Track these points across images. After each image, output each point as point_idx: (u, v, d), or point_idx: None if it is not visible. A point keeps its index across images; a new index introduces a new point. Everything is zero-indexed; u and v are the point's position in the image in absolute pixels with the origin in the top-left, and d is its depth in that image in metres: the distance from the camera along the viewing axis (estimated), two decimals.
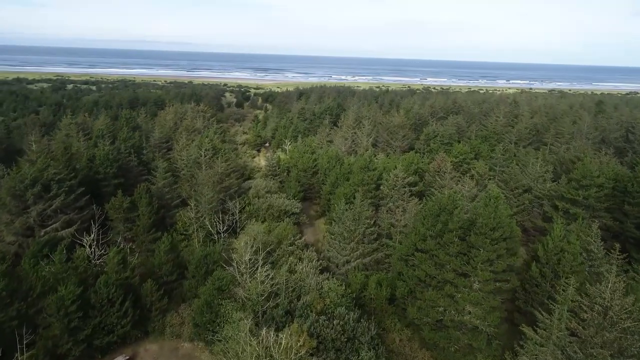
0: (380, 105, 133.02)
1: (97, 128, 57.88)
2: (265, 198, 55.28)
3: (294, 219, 54.84)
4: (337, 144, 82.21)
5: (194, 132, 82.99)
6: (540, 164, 54.55)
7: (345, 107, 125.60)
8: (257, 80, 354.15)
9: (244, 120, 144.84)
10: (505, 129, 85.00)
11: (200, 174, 58.86)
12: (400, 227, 43.24)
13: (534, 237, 50.75)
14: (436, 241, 35.66)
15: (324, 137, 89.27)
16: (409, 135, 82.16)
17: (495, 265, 32.65)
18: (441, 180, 50.50)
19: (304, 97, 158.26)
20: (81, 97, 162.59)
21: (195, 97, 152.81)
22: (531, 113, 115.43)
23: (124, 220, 46.00)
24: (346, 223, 41.87)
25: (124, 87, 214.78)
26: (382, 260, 42.81)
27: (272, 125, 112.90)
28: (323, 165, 68.02)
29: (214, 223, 47.62)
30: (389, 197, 47.71)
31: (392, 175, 47.65)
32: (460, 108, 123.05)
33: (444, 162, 51.55)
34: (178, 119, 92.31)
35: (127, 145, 57.44)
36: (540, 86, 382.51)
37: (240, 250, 38.51)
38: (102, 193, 51.47)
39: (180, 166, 63.07)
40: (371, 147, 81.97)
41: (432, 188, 51.55)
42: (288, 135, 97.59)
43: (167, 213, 50.28)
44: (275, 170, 73.23)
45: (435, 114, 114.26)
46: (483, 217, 32.37)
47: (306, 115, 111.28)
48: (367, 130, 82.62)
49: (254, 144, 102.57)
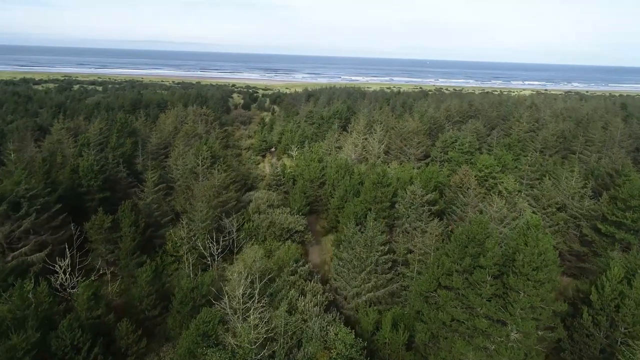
0: (392, 107, 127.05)
1: (82, 135, 52.97)
2: (267, 214, 49.81)
3: (298, 238, 49.32)
4: (347, 151, 76.55)
5: (194, 137, 77.81)
6: (575, 177, 48.34)
7: (355, 110, 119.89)
8: (266, 80, 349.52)
9: (250, 123, 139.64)
10: (528, 136, 78.64)
11: (197, 185, 53.64)
12: (418, 254, 37.46)
13: (569, 263, 44.66)
14: (464, 277, 29.88)
15: (333, 142, 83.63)
16: (424, 141, 76.17)
17: (539, 312, 26.81)
18: (464, 197, 44.59)
19: (312, 99, 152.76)
20: (85, 99, 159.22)
21: (201, 99, 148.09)
22: (553, 117, 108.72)
23: (105, 242, 40.82)
24: (356, 249, 36.22)
25: (130, 88, 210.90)
26: (398, 293, 37.08)
27: (279, 130, 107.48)
28: (331, 175, 62.40)
29: (207, 245, 42.25)
30: (405, 216, 41.95)
31: (409, 192, 41.86)
32: (477, 112, 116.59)
33: (467, 177, 45.63)
34: (179, 122, 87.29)
35: (116, 154, 52.31)
36: (555, 87, 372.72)
37: (233, 283, 33.08)
38: (86, 209, 46.39)
39: (175, 176, 57.91)
40: (383, 155, 76.21)
41: (454, 206, 45.66)
42: (295, 141, 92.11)
43: (156, 232, 45.01)
44: (279, 179, 67.80)
45: (451, 117, 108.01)
46: (524, 253, 26.51)
47: (314, 119, 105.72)
48: (379, 137, 76.82)
49: (259, 149, 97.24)
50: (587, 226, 43.53)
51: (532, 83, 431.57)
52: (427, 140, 77.96)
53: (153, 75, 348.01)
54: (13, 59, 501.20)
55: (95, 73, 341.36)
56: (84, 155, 48.69)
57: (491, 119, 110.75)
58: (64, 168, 50.11)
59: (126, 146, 57.82)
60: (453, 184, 47.20)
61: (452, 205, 45.76)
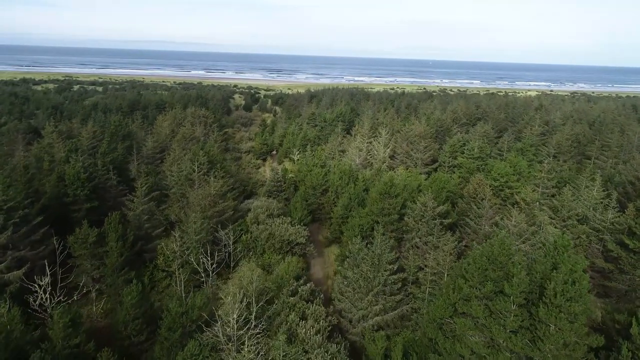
0: (397, 109, 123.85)
1: (70, 140, 49.91)
2: (266, 224, 46.66)
3: (299, 250, 46.18)
4: (351, 155, 73.34)
5: (192, 141, 74.80)
6: (597, 187, 45.03)
7: (359, 112, 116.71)
8: (269, 81, 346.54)
9: (251, 125, 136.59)
10: (540, 140, 75.29)
11: (192, 193, 50.57)
12: (430, 273, 34.25)
13: (593, 280, 41.30)
14: (483, 304, 26.67)
15: (336, 146, 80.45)
16: (431, 146, 72.89)
17: (572, 348, 23.57)
18: (478, 208, 41.33)
19: (315, 100, 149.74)
20: (84, 99, 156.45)
21: (201, 100, 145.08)
22: (563, 119, 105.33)
23: (90, 257, 37.73)
24: (363, 268, 33.03)
25: (130, 89, 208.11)
26: (408, 316, 33.88)
27: (280, 132, 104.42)
28: (335, 181, 59.25)
29: (200, 260, 39.14)
30: (415, 230, 38.72)
31: (419, 204, 38.62)
32: (484, 114, 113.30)
33: (481, 187, 42.37)
34: (176, 125, 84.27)
35: (106, 160, 49.22)
36: (560, 88, 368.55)
37: (227, 307, 29.95)
38: (72, 220, 43.34)
39: (170, 183, 54.84)
40: (388, 159, 72.97)
41: (467, 218, 42.39)
42: (296, 144, 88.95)
43: (146, 245, 41.90)
44: (279, 185, 64.68)
45: (458, 120, 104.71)
46: (556, 281, 23.29)
47: (317, 121, 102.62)
48: (384, 140, 73.58)
49: (260, 152, 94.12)
50: (611, 241, 40.20)
51: (537, 84, 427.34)
52: (434, 144, 74.71)
53: (154, 76, 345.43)
54: (14, 59, 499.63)
55: (96, 73, 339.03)
56: (71, 161, 45.66)
57: (499, 122, 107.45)
58: (51, 175, 47.12)
59: (118, 151, 54.72)
60: (466, 194, 43.94)
61: (464, 217, 42.51)
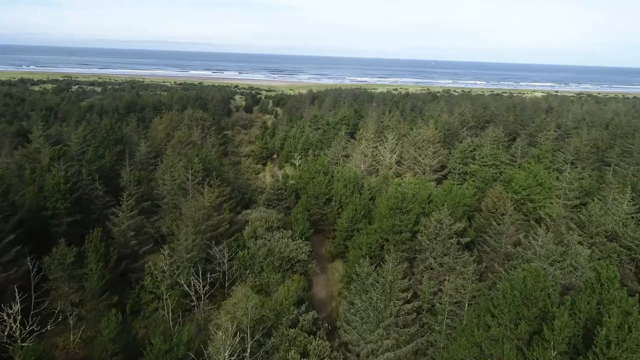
0: (402, 111, 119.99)
1: (53, 148, 46.12)
2: (264, 239, 42.84)
3: (301, 268, 42.36)
4: (355, 161, 69.47)
5: (188, 145, 71.01)
6: (627, 200, 41.08)
7: (362, 114, 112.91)
8: (270, 81, 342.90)
9: (252, 127, 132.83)
10: (555, 145, 71.31)
11: (185, 205, 46.86)
12: (448, 301, 30.39)
13: None
14: (516, 346, 22.85)
15: (340, 151, 76.65)
16: (440, 151, 69.02)
17: None
18: (498, 224, 37.45)
19: (317, 101, 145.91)
20: (82, 100, 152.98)
21: (200, 101, 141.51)
22: (575, 122, 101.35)
23: (69, 279, 33.97)
24: (372, 296, 29.20)
25: (130, 89, 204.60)
26: (423, 350, 30.02)
27: (281, 135, 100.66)
28: (339, 190, 55.46)
29: (191, 282, 35.39)
30: (430, 250, 34.87)
31: (434, 221, 34.75)
32: (493, 116, 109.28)
33: (501, 200, 38.48)
34: (172, 128, 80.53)
35: (92, 168, 45.48)
36: (565, 89, 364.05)
37: (218, 343, 26.17)
38: (53, 235, 39.61)
39: (161, 192, 51.07)
40: (395, 166, 69.12)
41: (485, 234, 38.52)
42: (298, 148, 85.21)
43: (133, 265, 38.15)
44: (280, 193, 60.90)
45: (466, 122, 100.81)
46: (608, 328, 19.42)
47: (319, 124, 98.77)
48: (391, 145, 69.71)
49: (260, 156, 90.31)
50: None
51: (541, 84, 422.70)
52: (443, 150, 70.81)
53: (155, 76, 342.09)
54: (14, 59, 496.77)
55: (97, 73, 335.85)
56: (53, 170, 41.94)
57: (508, 124, 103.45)
58: (33, 185, 43.41)
59: (106, 158, 50.94)
60: (484, 208, 40.06)
61: (482, 234, 38.63)
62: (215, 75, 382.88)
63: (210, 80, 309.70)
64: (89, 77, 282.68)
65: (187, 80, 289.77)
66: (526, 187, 41.24)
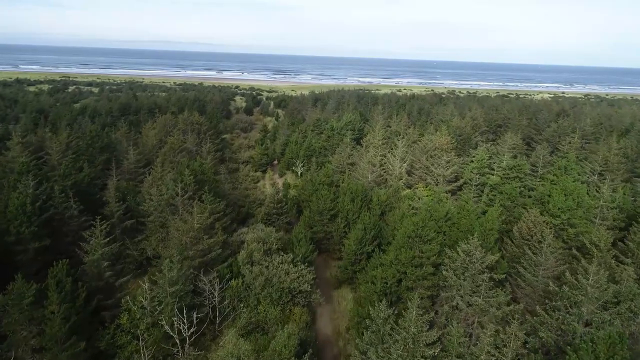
0: (408, 113, 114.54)
1: (22, 161, 40.40)
2: (261, 267, 37.44)
3: (303, 300, 36.95)
4: (362, 170, 63.98)
5: (181, 153, 65.67)
6: None
7: (367, 118, 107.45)
8: (272, 82, 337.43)
9: (252, 130, 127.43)
10: (579, 153, 65.74)
11: (173, 223, 41.53)
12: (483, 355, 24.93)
13: None
14: None
15: (345, 158, 71.19)
16: (454, 160, 63.50)
17: None
18: (534, 254, 31.99)
19: (319, 103, 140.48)
20: (77, 102, 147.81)
21: (199, 103, 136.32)
22: (593, 126, 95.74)
23: (28, 321, 28.63)
24: (391, 353, 23.77)
25: (127, 90, 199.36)
26: None
27: (282, 139, 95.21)
28: (345, 205, 50.13)
29: (175, 323, 30.04)
30: (456, 287, 29.42)
31: (462, 252, 29.27)
32: (505, 120, 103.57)
33: (537, 226, 33.02)
34: (164, 133, 75.15)
35: (67, 183, 40.10)
36: (571, 90, 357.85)
37: None
38: (18, 264, 34.26)
39: (147, 209, 45.67)
40: (405, 176, 63.68)
41: (519, 265, 33.05)
42: (300, 154, 79.79)
43: (107, 301, 32.75)
44: (280, 207, 55.54)
45: (478, 127, 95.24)
46: None
47: (322, 128, 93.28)
48: (401, 153, 64.23)
49: (259, 163, 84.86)
50: None
51: (547, 85, 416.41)
52: (458, 158, 65.28)
53: (156, 76, 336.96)
54: (14, 59, 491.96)
55: (96, 73, 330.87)
56: (20, 187, 36.59)
57: (522, 129, 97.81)
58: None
59: (84, 171, 45.47)
60: (517, 233, 34.59)
61: (515, 265, 33.15)
62: (215, 76, 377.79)
63: (210, 80, 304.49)
64: (88, 78, 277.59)
65: (187, 81, 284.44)
66: (566, 210, 35.71)
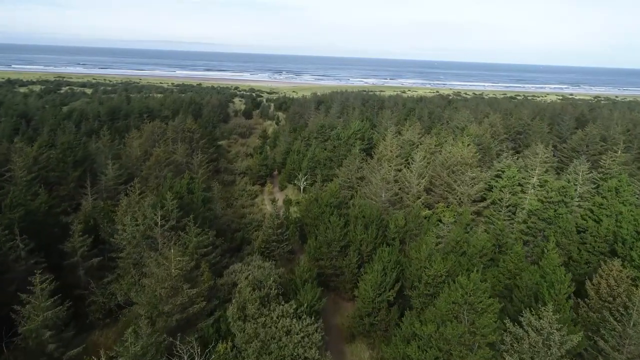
0: (419, 117, 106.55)
1: None
2: (257, 324, 29.46)
3: None
4: (375, 188, 55.84)
5: (168, 167, 57.69)
6: None
7: (375, 123, 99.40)
8: (272, 82, 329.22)
9: (251, 135, 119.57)
10: (623, 168, 57.63)
11: (149, 260, 33.64)
12: None
13: None
14: None
15: (354, 172, 63.22)
16: (480, 176, 55.45)
17: None
18: (616, 320, 23.94)
19: (323, 106, 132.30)
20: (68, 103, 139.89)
21: (194, 106, 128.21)
22: (623, 133, 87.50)
23: None
24: None
25: (122, 91, 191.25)
26: None
27: (283, 147, 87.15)
28: (358, 234, 42.16)
29: None
30: None
31: (532, 331, 21.15)
32: (525, 126, 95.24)
33: (620, 282, 25.04)
34: (152, 142, 67.08)
35: (14, 216, 32.11)
36: (579, 91, 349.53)
37: None
38: None
39: (118, 242, 37.59)
40: (424, 194, 55.68)
41: (597, 335, 24.96)
42: (303, 166, 71.76)
43: None
44: (281, 233, 47.54)
45: (497, 134, 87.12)
46: None
47: (326, 135, 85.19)
48: (418, 168, 56.18)
49: (257, 175, 76.66)
50: None
51: (554, 86, 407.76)
52: (484, 174, 57.24)
53: (155, 76, 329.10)
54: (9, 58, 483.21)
55: (93, 74, 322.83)
56: None
57: (543, 136, 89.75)
58: None
59: (41, 198, 37.36)
60: (592, 291, 26.50)
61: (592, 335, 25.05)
62: (215, 76, 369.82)
63: (209, 81, 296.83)
64: (83, 78, 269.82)
65: (186, 82, 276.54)
66: None
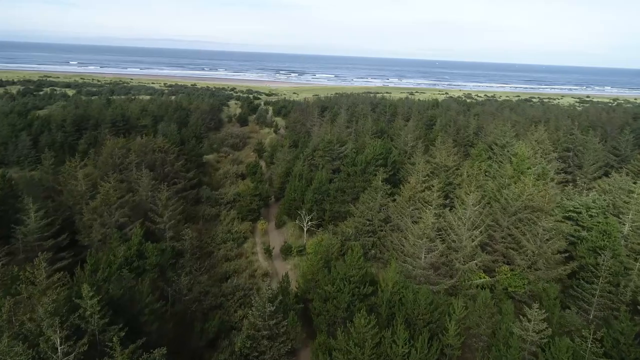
0: (443, 128, 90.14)
1: None
2: None
3: None
4: (411, 248, 39.17)
5: (120, 210, 41.24)
6: None
7: (392, 136, 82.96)
8: (272, 82, 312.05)
9: (245, 147, 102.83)
10: None
11: None
12: None
13: None
14: None
15: (375, 212, 46.88)
16: (558, 227, 39.07)
17: None
18: None
19: (328, 112, 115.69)
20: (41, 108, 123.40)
21: (180, 112, 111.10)
22: None
23: None
24: None
25: (107, 92, 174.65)
26: None
27: (282, 167, 70.47)
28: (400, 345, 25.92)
29: None
30: None
31: None
32: (570, 141, 78.53)
33: None
34: (107, 171, 50.40)
35: None
36: (594, 93, 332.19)
37: None
38: None
39: None
40: (481, 253, 39.25)
41: None
42: (307, 198, 55.22)
43: None
44: (275, 326, 31.22)
45: (546, 153, 70.70)
46: None
47: (335, 152, 68.76)
48: (471, 217, 39.68)
49: (248, 208, 59.58)
50: None
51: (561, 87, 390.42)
52: (562, 223, 40.85)
53: (149, 76, 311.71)
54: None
55: (82, 73, 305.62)
56: None
57: (597, 155, 73.45)
58: None
59: None
60: None
61: None
62: (211, 75, 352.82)
63: (206, 81, 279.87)
64: (70, 77, 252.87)
65: (180, 82, 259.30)
66: None
